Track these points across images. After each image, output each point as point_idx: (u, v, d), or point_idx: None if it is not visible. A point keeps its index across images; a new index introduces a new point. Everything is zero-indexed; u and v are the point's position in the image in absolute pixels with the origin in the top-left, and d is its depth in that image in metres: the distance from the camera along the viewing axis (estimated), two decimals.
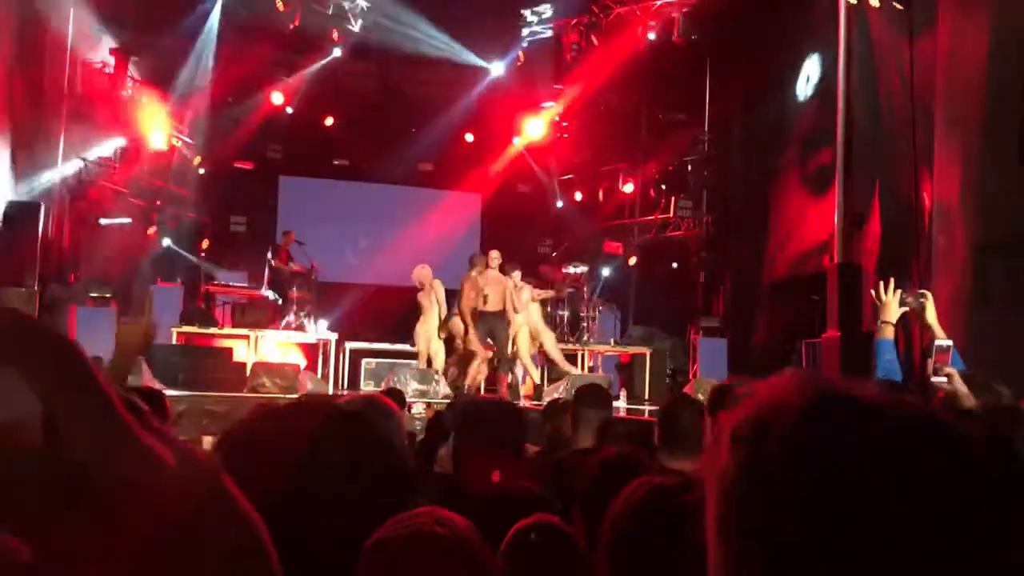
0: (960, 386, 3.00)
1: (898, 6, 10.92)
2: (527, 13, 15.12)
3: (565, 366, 11.32)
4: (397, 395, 6.09)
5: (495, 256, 10.99)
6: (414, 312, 11.11)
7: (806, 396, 0.60)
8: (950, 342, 3.22)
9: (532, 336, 11.15)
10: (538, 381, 11.42)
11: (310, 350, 12.34)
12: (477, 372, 10.92)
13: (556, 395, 8.74)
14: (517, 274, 11.01)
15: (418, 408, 8.92)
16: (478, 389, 10.81)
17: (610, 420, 4.21)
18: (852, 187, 11.64)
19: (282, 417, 1.21)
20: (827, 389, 0.61)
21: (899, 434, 0.58)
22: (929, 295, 3.61)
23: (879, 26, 11.50)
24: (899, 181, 11.39)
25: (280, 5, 13.66)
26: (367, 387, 11.27)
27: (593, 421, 3.93)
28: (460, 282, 10.93)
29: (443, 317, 10.92)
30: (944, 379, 3.08)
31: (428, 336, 10.91)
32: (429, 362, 10.93)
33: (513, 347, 10.91)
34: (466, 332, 10.76)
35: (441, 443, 4.35)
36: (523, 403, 10.30)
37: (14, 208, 10.62)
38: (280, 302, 12.12)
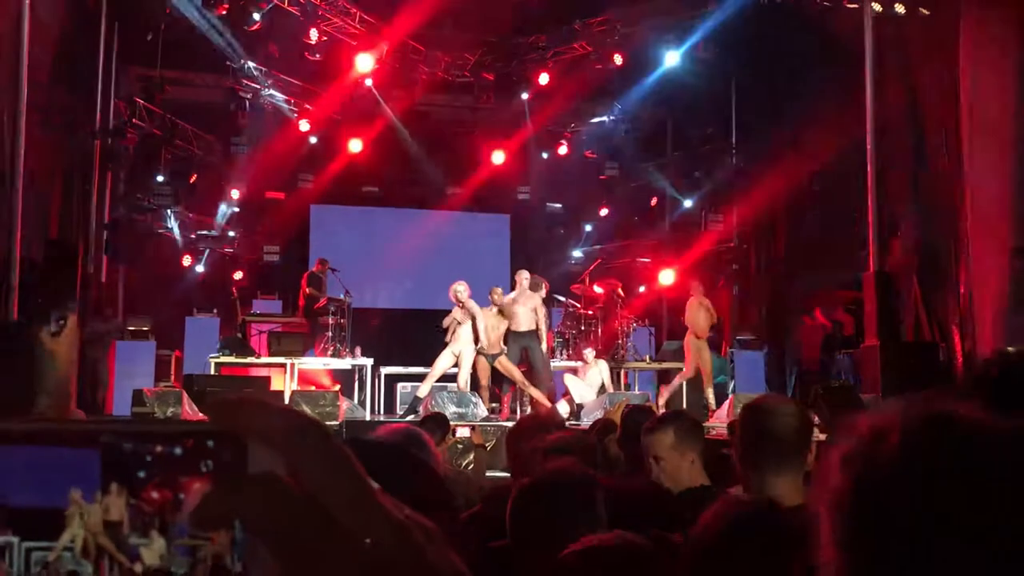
0: None
1: (924, 12, 10.86)
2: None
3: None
4: (441, 420, 6.09)
5: (524, 276, 10.95)
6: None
7: (910, 417, 0.65)
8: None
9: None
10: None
11: (344, 376, 12.37)
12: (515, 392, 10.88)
13: (598, 414, 8.69)
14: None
15: (462, 432, 8.88)
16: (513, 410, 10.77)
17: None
18: (886, 194, 11.56)
19: None
20: (931, 411, 0.65)
21: (1001, 452, 0.61)
22: None
23: (913, 35, 11.43)
24: (935, 187, 11.28)
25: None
26: (402, 411, 11.25)
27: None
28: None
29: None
30: None
31: (450, 356, 10.70)
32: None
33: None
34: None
35: None
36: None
37: (54, 246, 10.78)
38: (315, 329, 12.19)
